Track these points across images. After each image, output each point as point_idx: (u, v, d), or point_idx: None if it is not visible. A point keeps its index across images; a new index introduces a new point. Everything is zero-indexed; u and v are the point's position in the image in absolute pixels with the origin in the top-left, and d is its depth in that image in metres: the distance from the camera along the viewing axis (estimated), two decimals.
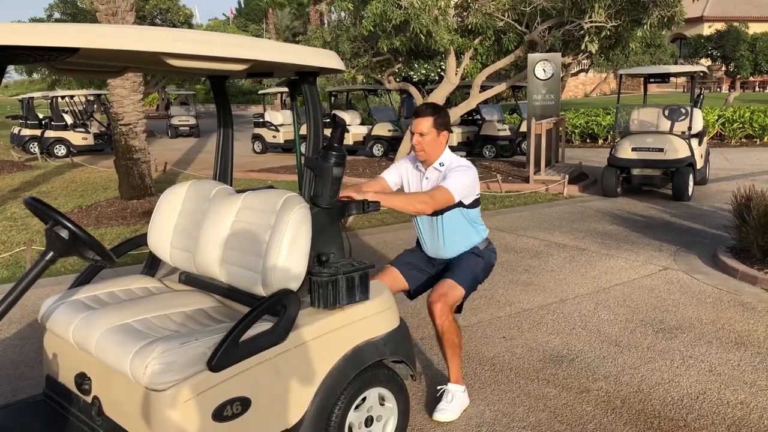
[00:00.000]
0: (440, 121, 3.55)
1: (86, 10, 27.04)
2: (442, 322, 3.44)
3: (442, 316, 3.43)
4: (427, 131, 3.52)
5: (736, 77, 24.80)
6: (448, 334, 3.48)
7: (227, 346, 2.42)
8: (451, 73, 13.80)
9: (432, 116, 3.53)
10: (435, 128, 3.53)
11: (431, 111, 3.55)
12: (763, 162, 14.14)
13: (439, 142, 3.57)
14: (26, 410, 2.92)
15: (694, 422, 3.51)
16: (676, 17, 11.59)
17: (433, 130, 3.53)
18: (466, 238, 3.68)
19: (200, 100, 43.49)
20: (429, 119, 3.52)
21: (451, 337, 3.50)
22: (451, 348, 3.53)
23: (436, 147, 3.57)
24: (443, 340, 3.51)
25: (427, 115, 3.53)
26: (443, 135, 3.58)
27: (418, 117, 3.54)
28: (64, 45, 2.02)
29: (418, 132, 3.54)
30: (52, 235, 2.42)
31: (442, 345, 3.55)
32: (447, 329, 3.46)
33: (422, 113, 3.54)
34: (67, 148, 19.27)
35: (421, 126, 3.53)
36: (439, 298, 3.44)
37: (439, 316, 3.43)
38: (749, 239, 6.27)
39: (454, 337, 3.51)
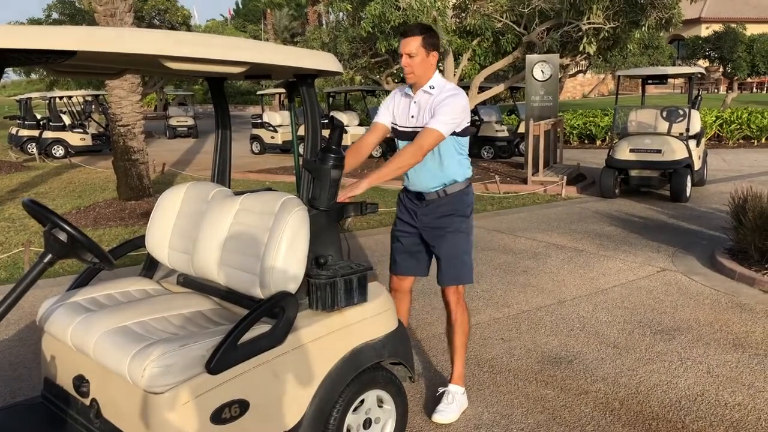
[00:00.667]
0: (429, 41, 3.34)
1: (84, 11, 27.03)
2: (457, 309, 3.57)
3: (457, 304, 3.57)
4: (416, 51, 3.31)
5: (733, 78, 24.85)
6: (461, 320, 3.60)
7: (225, 349, 2.42)
8: (450, 74, 13.81)
9: (420, 35, 3.31)
10: (424, 48, 3.32)
11: (419, 30, 3.34)
12: (760, 163, 14.17)
13: (428, 62, 3.37)
14: (24, 412, 2.92)
15: (692, 424, 3.52)
16: (674, 19, 11.62)
17: (422, 50, 3.32)
18: (450, 171, 3.48)
19: (198, 100, 43.45)
20: (417, 39, 3.31)
21: (463, 324, 3.61)
22: (462, 336, 3.61)
23: (426, 68, 3.37)
24: (455, 327, 3.59)
25: (415, 35, 3.31)
26: (433, 55, 3.38)
27: (406, 37, 3.33)
28: (62, 48, 2.02)
29: (406, 53, 3.33)
30: (50, 238, 2.42)
31: (452, 334, 3.62)
32: (461, 315, 3.59)
33: (410, 32, 3.33)
34: (65, 148, 19.25)
35: (409, 46, 3.32)
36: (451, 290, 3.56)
37: (455, 304, 3.57)
38: (747, 241, 6.28)
39: (465, 325, 3.63)
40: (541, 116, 12.32)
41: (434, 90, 3.40)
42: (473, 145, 16.57)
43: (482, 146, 16.47)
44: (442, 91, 3.38)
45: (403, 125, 3.54)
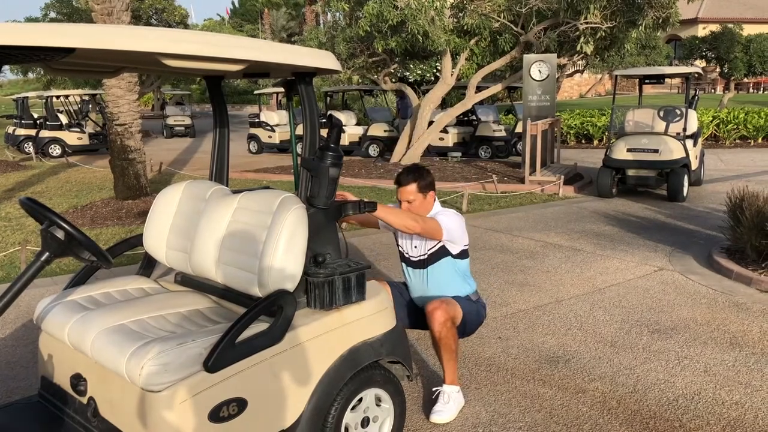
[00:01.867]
0: (424, 184, 3.57)
1: (82, 10, 26.98)
2: (441, 329, 3.41)
3: (443, 323, 3.40)
4: (414, 197, 3.56)
5: (730, 78, 24.85)
6: (446, 341, 3.45)
7: (223, 347, 2.42)
8: (447, 73, 13.83)
9: (415, 182, 3.55)
10: (420, 192, 3.56)
11: (413, 177, 3.56)
12: (757, 163, 14.19)
13: (427, 202, 3.62)
14: (21, 411, 2.91)
15: (689, 423, 3.52)
16: (671, 19, 11.63)
17: (419, 195, 3.57)
18: (455, 289, 3.68)
19: (195, 100, 43.43)
20: (412, 186, 3.55)
21: (448, 344, 3.47)
22: (448, 353, 3.52)
23: (426, 207, 3.62)
24: (440, 346, 3.49)
25: (409, 183, 3.55)
26: (430, 195, 3.62)
27: (402, 186, 3.56)
28: (60, 45, 2.02)
29: (405, 200, 3.57)
30: (47, 236, 2.41)
31: (438, 351, 3.54)
32: (445, 336, 3.43)
33: (404, 182, 3.56)
34: (62, 147, 19.22)
35: (406, 194, 3.56)
36: (439, 305, 3.43)
37: (439, 323, 3.40)
38: (743, 240, 6.29)
39: (451, 344, 3.48)
40: (538, 116, 12.33)
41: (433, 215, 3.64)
42: (471, 145, 16.63)
43: (480, 146, 16.49)
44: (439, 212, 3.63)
45: (413, 255, 3.75)
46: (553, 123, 12.93)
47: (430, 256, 3.66)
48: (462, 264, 3.71)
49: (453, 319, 3.46)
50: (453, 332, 3.47)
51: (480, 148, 16.46)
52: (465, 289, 3.73)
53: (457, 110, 14.88)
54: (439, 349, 3.52)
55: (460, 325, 3.56)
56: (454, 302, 3.53)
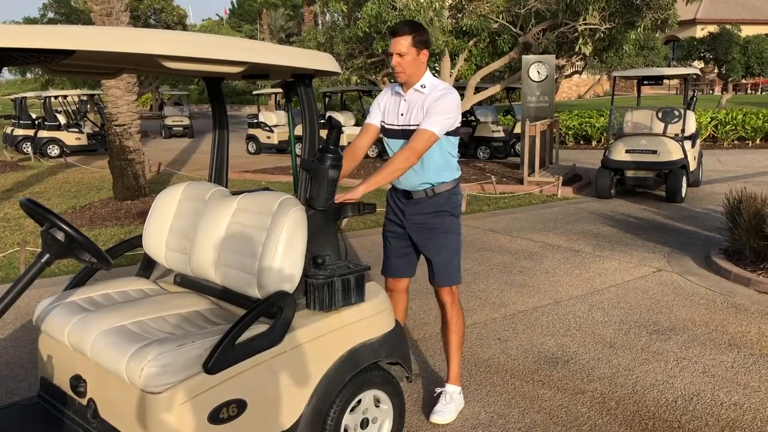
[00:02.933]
0: (420, 39, 3.28)
1: (80, 10, 26.98)
2: (452, 310, 3.57)
3: (452, 304, 3.56)
4: (407, 51, 3.26)
5: (728, 79, 24.86)
6: (456, 321, 3.59)
7: (223, 349, 2.42)
8: (446, 74, 13.83)
9: (411, 34, 3.26)
10: (414, 47, 3.27)
11: (410, 28, 3.27)
12: (755, 164, 14.22)
13: (419, 61, 3.32)
14: (21, 412, 2.91)
15: (688, 423, 3.53)
16: (670, 20, 11.65)
17: (412, 50, 3.27)
18: (439, 170, 3.46)
19: (194, 100, 43.43)
20: (407, 38, 3.25)
21: (458, 325, 3.60)
22: (457, 336, 3.61)
23: (417, 67, 3.33)
24: (450, 327, 3.58)
25: (405, 33, 3.25)
26: (423, 54, 3.32)
27: (396, 36, 3.27)
28: (61, 47, 2.02)
29: (396, 52, 3.27)
30: (48, 237, 2.41)
31: (447, 335, 3.61)
32: (456, 315, 3.58)
33: (400, 31, 3.26)
34: (60, 148, 19.21)
35: (399, 45, 3.26)
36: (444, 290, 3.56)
37: (449, 304, 3.56)
38: (741, 241, 6.30)
39: (461, 325, 3.62)
40: (537, 117, 12.34)
41: (425, 89, 3.37)
42: (469, 146, 16.63)
43: (478, 146, 16.49)
44: (434, 90, 3.34)
45: (392, 123, 3.50)
46: (552, 124, 12.95)
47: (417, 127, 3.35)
48: (453, 140, 3.47)
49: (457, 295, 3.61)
50: (461, 313, 3.64)
51: (479, 148, 16.47)
52: (448, 174, 3.49)
53: None
54: (448, 334, 3.60)
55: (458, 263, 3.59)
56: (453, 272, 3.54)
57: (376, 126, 3.60)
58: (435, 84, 3.39)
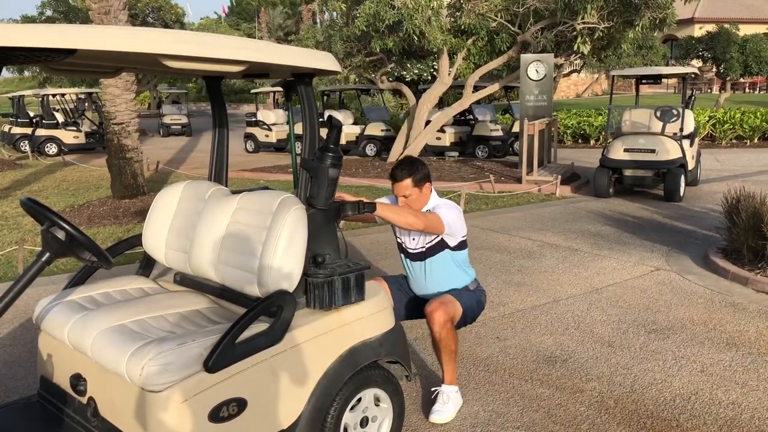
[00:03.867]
0: (418, 177, 3.54)
1: (78, 8, 26.93)
2: (440, 330, 3.41)
3: (443, 324, 3.41)
4: (410, 192, 3.55)
5: (726, 79, 24.90)
6: (446, 342, 3.46)
7: (224, 347, 2.42)
8: (444, 73, 13.84)
9: (410, 177, 3.52)
10: (416, 186, 3.54)
11: (407, 172, 3.52)
12: (753, 163, 14.24)
13: (423, 194, 3.60)
14: (21, 411, 2.92)
15: (686, 422, 3.54)
16: (668, 19, 11.66)
17: (414, 189, 3.55)
18: (454, 280, 3.70)
19: (192, 98, 43.39)
20: (407, 181, 3.53)
21: (448, 344, 3.48)
22: (448, 354, 3.53)
23: (422, 200, 3.61)
24: (440, 347, 3.49)
25: (404, 178, 3.52)
26: (426, 187, 3.60)
27: (397, 182, 3.54)
28: (61, 46, 2.02)
29: (401, 195, 3.56)
30: (48, 236, 2.42)
31: (438, 351, 3.54)
32: (445, 337, 3.44)
33: (399, 177, 3.53)
34: (58, 146, 19.19)
35: (402, 190, 3.55)
36: (439, 306, 3.44)
37: (439, 324, 3.41)
38: (740, 240, 6.31)
39: (451, 345, 3.49)
40: (535, 115, 12.35)
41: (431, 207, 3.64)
42: (468, 145, 16.63)
43: (477, 145, 16.49)
44: (440, 203, 3.63)
45: (410, 247, 3.75)
46: (550, 123, 12.95)
47: (429, 249, 3.66)
48: (460, 255, 3.71)
49: (453, 320, 3.47)
50: (453, 333, 3.48)
51: (477, 147, 16.48)
52: (464, 280, 3.73)
53: (454, 110, 14.90)
54: (438, 350, 3.53)
55: (460, 320, 3.58)
56: (453, 301, 3.53)
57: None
58: (440, 201, 3.68)
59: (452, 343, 3.49)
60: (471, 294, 3.70)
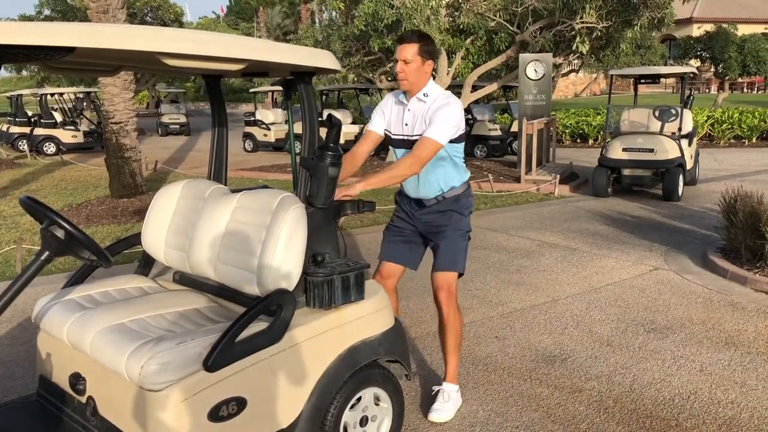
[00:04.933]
0: (426, 49, 3.34)
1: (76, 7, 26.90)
2: (449, 310, 3.50)
3: (448, 303, 3.49)
4: (412, 58, 3.32)
5: (724, 78, 24.93)
6: (453, 321, 3.53)
7: (223, 346, 2.42)
8: (443, 72, 13.83)
9: (418, 42, 3.32)
10: (420, 56, 3.33)
11: (417, 37, 3.34)
12: (751, 163, 14.25)
13: (423, 71, 3.37)
14: (19, 410, 2.91)
15: (685, 422, 3.54)
16: (666, 19, 11.68)
17: (418, 58, 3.32)
18: (447, 177, 3.52)
19: (190, 98, 43.36)
20: (414, 46, 3.31)
21: (455, 325, 3.54)
22: (454, 336, 3.56)
23: (421, 76, 3.37)
24: (447, 328, 3.53)
25: (412, 41, 3.32)
26: (428, 64, 3.38)
27: (403, 43, 3.33)
28: (61, 44, 2.02)
29: (402, 59, 3.33)
30: (47, 235, 2.41)
31: (444, 335, 3.57)
32: (453, 315, 3.52)
33: (407, 39, 3.33)
34: (56, 145, 19.15)
35: (405, 52, 3.32)
36: (442, 285, 3.48)
37: (446, 303, 3.48)
38: (738, 240, 6.32)
39: (458, 325, 3.56)
40: (534, 115, 12.35)
41: (428, 98, 3.40)
42: (466, 144, 16.61)
43: (475, 145, 16.48)
44: (437, 100, 3.39)
45: (397, 133, 3.55)
46: (549, 122, 12.96)
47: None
48: (458, 147, 3.51)
49: (455, 293, 3.53)
50: (459, 312, 3.57)
51: (476, 147, 16.46)
52: (457, 178, 3.55)
53: None
54: (445, 334, 3.56)
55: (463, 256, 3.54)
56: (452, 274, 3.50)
57: (377, 133, 3.63)
58: (438, 93, 3.43)
59: (458, 324, 3.57)
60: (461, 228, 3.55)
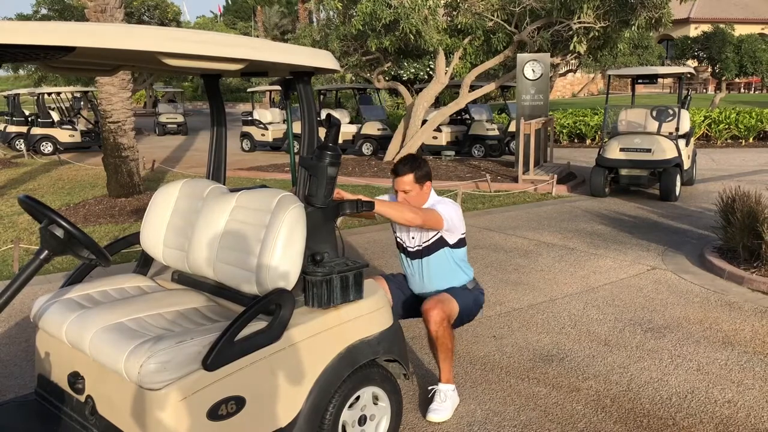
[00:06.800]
0: (420, 174, 3.54)
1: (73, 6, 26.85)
2: (437, 329, 3.41)
3: (439, 323, 3.41)
4: (410, 188, 3.53)
5: (721, 78, 24.93)
6: (443, 340, 3.46)
7: (222, 346, 2.42)
8: (441, 72, 13.85)
9: (411, 173, 3.52)
10: (417, 183, 3.54)
11: (409, 167, 3.52)
12: (748, 163, 14.28)
13: (423, 192, 3.59)
14: (18, 409, 2.91)
15: (682, 421, 3.55)
16: (664, 19, 11.68)
17: (415, 186, 3.53)
18: (452, 278, 3.69)
19: (188, 97, 43.30)
20: (409, 176, 3.52)
21: (445, 343, 3.48)
22: (444, 352, 3.52)
23: (422, 198, 3.59)
24: (437, 345, 3.49)
25: (406, 173, 3.51)
26: (426, 185, 3.59)
27: (398, 176, 3.53)
28: (61, 44, 2.02)
29: (401, 190, 3.55)
30: (46, 234, 2.41)
31: (435, 350, 3.54)
32: (442, 335, 3.44)
33: (401, 172, 3.52)
34: (53, 145, 19.11)
35: (403, 185, 3.54)
36: (435, 305, 3.43)
37: (435, 322, 3.40)
38: (735, 240, 6.33)
39: (448, 343, 3.49)
40: (531, 115, 12.36)
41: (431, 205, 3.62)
42: (464, 144, 16.64)
43: (473, 145, 16.50)
44: (437, 202, 3.62)
45: (410, 245, 3.73)
46: (546, 122, 12.97)
47: (427, 247, 3.66)
48: (459, 252, 3.70)
49: (449, 318, 3.48)
50: (449, 332, 3.48)
51: (473, 147, 16.49)
52: (462, 279, 3.73)
53: (450, 109, 14.90)
54: (435, 349, 3.53)
55: (457, 319, 3.58)
56: (449, 299, 3.53)
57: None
58: (438, 199, 3.67)
59: (449, 342, 3.49)
60: (468, 293, 3.70)
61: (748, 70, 24.14)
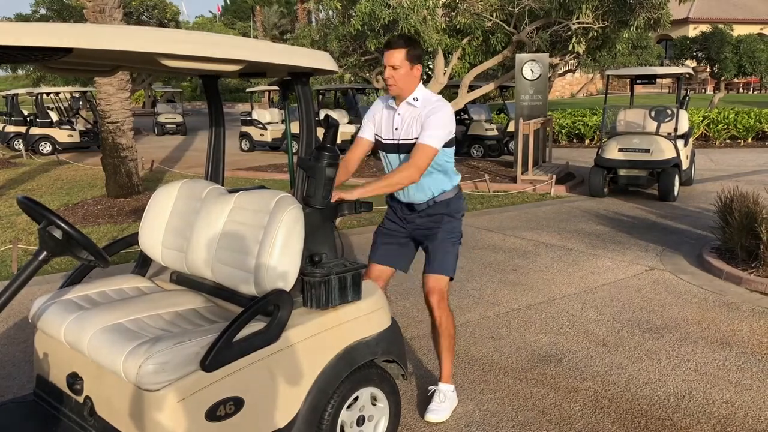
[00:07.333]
0: (413, 53, 3.31)
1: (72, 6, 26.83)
2: (441, 313, 3.49)
3: (440, 306, 3.48)
4: (400, 63, 3.28)
5: (720, 79, 24.95)
6: (446, 324, 3.53)
7: (220, 346, 2.42)
8: (440, 72, 13.84)
9: (405, 47, 3.28)
10: (408, 61, 3.30)
11: (404, 42, 3.30)
12: (746, 163, 14.30)
13: (412, 75, 3.34)
14: (16, 410, 2.91)
15: (680, 421, 3.56)
16: (662, 19, 11.69)
17: (406, 63, 3.29)
18: (438, 182, 3.52)
19: (186, 97, 43.26)
20: (401, 51, 3.28)
21: (448, 328, 3.54)
22: (448, 339, 3.56)
23: (410, 81, 3.35)
24: (440, 331, 3.53)
25: (399, 47, 3.28)
26: (417, 68, 3.34)
27: (390, 49, 3.29)
28: (59, 45, 2.02)
29: (390, 65, 3.30)
30: (45, 235, 2.42)
31: (438, 338, 3.57)
32: (445, 318, 3.51)
33: (394, 44, 3.29)
34: (52, 145, 19.10)
35: (393, 58, 3.29)
36: (434, 288, 3.47)
37: (438, 306, 3.47)
38: (733, 240, 6.34)
39: (450, 328, 3.56)
40: (530, 115, 12.37)
41: (418, 102, 3.39)
42: (463, 144, 16.64)
43: (472, 145, 16.50)
44: (427, 104, 3.37)
45: (387, 137, 3.52)
46: (545, 122, 12.98)
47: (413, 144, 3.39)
48: (449, 151, 3.49)
49: (446, 296, 3.52)
50: (450, 315, 3.57)
51: (472, 147, 16.49)
52: (448, 183, 3.56)
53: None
54: (438, 336, 3.56)
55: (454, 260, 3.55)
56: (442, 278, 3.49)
57: (368, 140, 3.64)
58: (428, 97, 3.41)
59: (451, 326, 3.56)
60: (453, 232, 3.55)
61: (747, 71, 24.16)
